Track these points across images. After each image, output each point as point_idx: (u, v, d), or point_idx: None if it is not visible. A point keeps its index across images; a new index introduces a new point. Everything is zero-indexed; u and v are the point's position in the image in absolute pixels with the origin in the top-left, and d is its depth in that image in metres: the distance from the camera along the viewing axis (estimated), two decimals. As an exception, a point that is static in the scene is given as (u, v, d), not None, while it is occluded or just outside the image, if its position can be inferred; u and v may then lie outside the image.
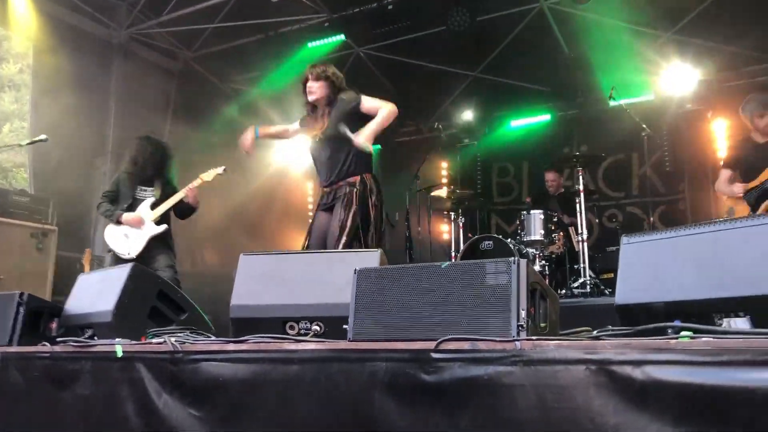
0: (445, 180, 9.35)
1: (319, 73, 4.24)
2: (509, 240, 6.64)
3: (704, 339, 1.96)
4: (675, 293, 2.22)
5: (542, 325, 2.38)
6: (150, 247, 5.17)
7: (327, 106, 4.25)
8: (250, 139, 4.49)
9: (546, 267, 6.49)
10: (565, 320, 2.95)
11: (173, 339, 2.66)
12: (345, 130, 4.07)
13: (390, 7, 7.22)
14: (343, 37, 7.44)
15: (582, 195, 6.35)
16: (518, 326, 2.18)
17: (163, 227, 5.23)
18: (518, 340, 2.10)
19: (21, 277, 5.82)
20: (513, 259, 2.27)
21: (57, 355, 2.99)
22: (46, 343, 3.09)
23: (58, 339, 3.14)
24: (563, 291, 6.21)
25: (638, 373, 1.86)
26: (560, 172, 7.56)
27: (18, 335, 3.28)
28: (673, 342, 1.92)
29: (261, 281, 2.94)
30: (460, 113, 8.89)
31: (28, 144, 5.61)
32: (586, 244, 6.25)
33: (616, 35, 7.05)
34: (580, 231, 6.30)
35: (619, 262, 2.45)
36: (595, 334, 2.26)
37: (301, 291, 2.84)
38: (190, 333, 2.97)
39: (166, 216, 5.33)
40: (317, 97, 4.24)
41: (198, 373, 2.60)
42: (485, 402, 2.08)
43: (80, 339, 3.09)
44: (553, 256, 6.63)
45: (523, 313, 2.20)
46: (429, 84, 8.45)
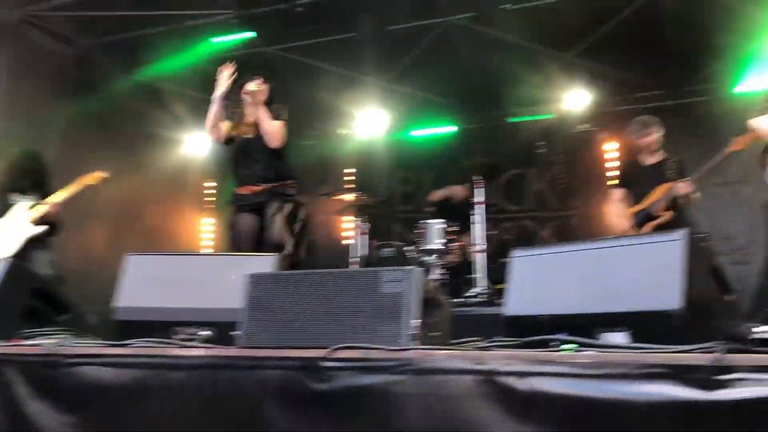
0: (349, 186, 9.34)
1: (265, 78, 4.65)
2: (410, 248, 6.70)
3: (587, 352, 2.03)
4: (560, 306, 2.31)
5: (434, 334, 2.41)
6: (28, 248, 4.95)
7: (261, 108, 4.56)
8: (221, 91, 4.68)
9: (443, 276, 6.60)
10: (460, 329, 3.00)
11: (49, 341, 2.51)
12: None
13: (300, 9, 7.15)
14: (252, 34, 7.30)
15: (482, 207, 6.51)
16: (410, 335, 2.19)
17: (43, 228, 4.99)
18: (409, 350, 2.11)
19: None
20: (408, 268, 2.28)
21: None
22: None
23: None
24: (459, 300, 6.33)
25: (522, 384, 1.91)
26: (461, 183, 7.70)
27: None
28: (557, 354, 1.99)
29: (149, 283, 2.83)
30: (367, 120, 8.92)
31: None
32: (482, 255, 6.40)
33: (520, 53, 7.29)
34: (477, 242, 6.45)
35: (509, 274, 2.52)
36: (484, 344, 2.30)
37: (191, 294, 2.75)
38: (70, 335, 2.81)
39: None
40: (261, 98, 4.55)
41: (75, 378, 2.46)
42: (374, 411, 2.08)
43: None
44: (450, 265, 6.75)
45: (415, 323, 2.22)
46: (337, 89, 8.42)
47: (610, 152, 7.73)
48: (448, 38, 7.48)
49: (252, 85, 4.60)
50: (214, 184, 9.54)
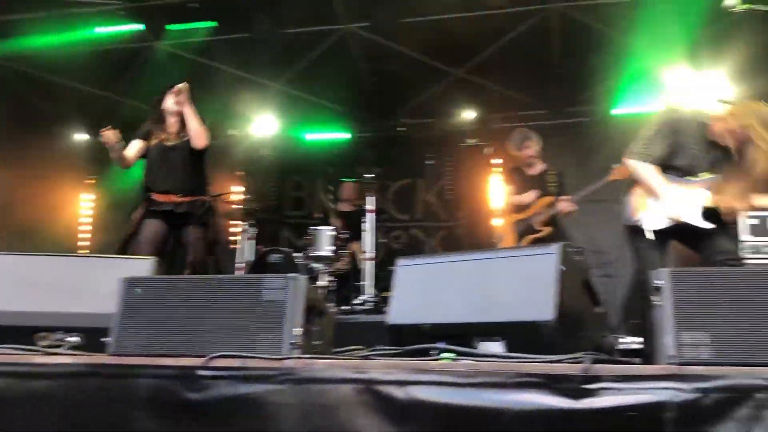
0: (238, 189, 9.13)
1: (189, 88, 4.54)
2: (298, 254, 6.64)
3: (463, 361, 2.08)
4: (441, 315, 2.35)
5: (316, 343, 2.39)
6: None
7: (187, 106, 4.46)
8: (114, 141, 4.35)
9: (331, 283, 6.58)
10: (346, 337, 3.00)
11: None
12: None
13: (194, 5, 6.94)
14: (140, 26, 6.99)
15: (371, 214, 6.57)
16: (291, 344, 2.16)
17: None
18: (289, 359, 2.08)
19: None
20: (291, 275, 2.25)
21: None
22: None
23: None
24: (345, 307, 6.34)
25: (401, 393, 1.93)
26: (356, 188, 7.72)
27: None
28: (435, 363, 2.02)
29: (12, 285, 2.62)
30: (259, 123, 8.77)
31: None
32: (371, 263, 6.45)
33: (413, 66, 7.42)
34: (366, 249, 6.49)
35: (394, 283, 2.54)
36: (365, 353, 2.30)
37: (59, 298, 2.58)
38: None
39: None
40: (186, 98, 4.46)
41: None
42: (251, 421, 2.03)
43: None
44: (339, 272, 6.75)
45: (296, 331, 2.19)
46: (229, 90, 8.23)
47: (496, 166, 8.00)
48: (343, 45, 7.50)
49: (179, 85, 4.49)
50: (94, 180, 9.04)
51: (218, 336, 2.27)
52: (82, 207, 9.06)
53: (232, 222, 8.24)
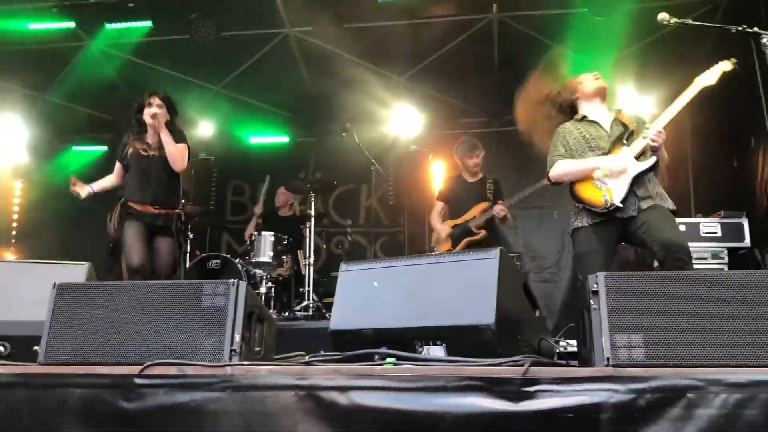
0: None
1: (162, 98, 4.60)
2: (238, 260, 6.55)
3: (406, 366, 2.08)
4: (383, 321, 2.35)
5: (257, 349, 2.35)
6: None
7: (163, 131, 4.46)
8: (84, 194, 4.53)
9: (272, 289, 6.52)
10: (288, 343, 2.96)
11: None
12: None
13: (131, 5, 6.77)
14: (72, 24, 6.77)
15: (312, 219, 6.54)
16: (231, 351, 2.13)
17: None
18: (229, 366, 2.04)
19: None
20: (232, 281, 2.21)
21: None
22: None
23: None
24: (287, 313, 6.28)
25: (343, 399, 1.92)
26: (293, 192, 7.66)
27: None
28: (378, 368, 2.02)
29: (-67, 292, 2.50)
30: (197, 126, 8.60)
31: None
32: (312, 268, 6.41)
33: (355, 71, 7.43)
34: (307, 255, 6.45)
35: (336, 288, 2.52)
36: (307, 359, 2.28)
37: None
38: None
39: None
40: (162, 121, 4.45)
41: None
42: (189, 430, 1.98)
43: None
44: (280, 278, 6.69)
45: (237, 338, 2.15)
46: (168, 92, 8.05)
47: (436, 172, 8.08)
48: (285, 49, 7.45)
49: (153, 109, 4.46)
50: (20, 185, 8.69)
51: (156, 343, 2.21)
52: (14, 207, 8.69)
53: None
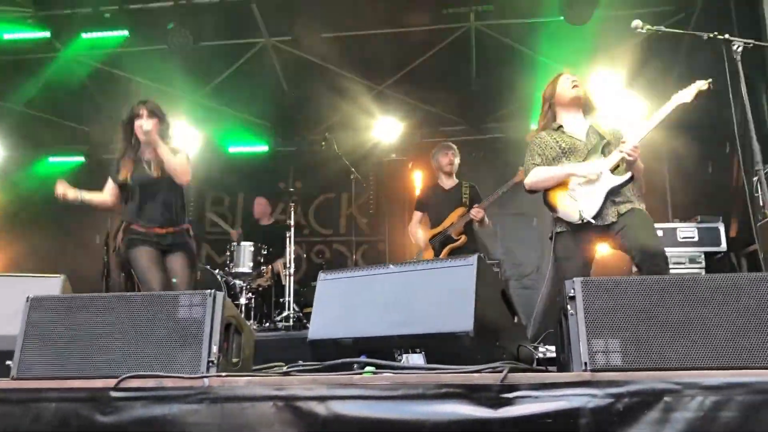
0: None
1: (150, 110, 4.08)
2: (217, 271, 6.51)
3: (385, 374, 2.08)
4: (362, 329, 2.34)
5: (235, 360, 2.33)
6: None
7: (160, 146, 4.04)
8: (71, 196, 4.07)
9: (253, 300, 6.48)
10: (267, 353, 2.94)
11: None
12: None
13: (107, 15, 6.73)
14: (47, 34, 6.71)
15: (292, 229, 6.51)
16: (209, 362, 2.11)
17: None
18: (207, 377, 2.03)
19: None
20: (209, 292, 2.19)
21: None
22: None
23: None
24: (267, 324, 6.25)
25: (322, 409, 1.90)
26: (271, 201, 7.63)
27: None
28: (356, 377, 2.01)
29: None
30: (177, 136, 8.53)
31: None
32: (292, 278, 6.38)
33: (335, 81, 7.44)
34: (287, 265, 6.43)
35: (315, 297, 2.51)
36: (285, 369, 2.27)
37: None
38: None
39: None
40: (155, 136, 4.01)
41: None
42: (167, 443, 1.96)
43: None
44: (260, 288, 6.66)
45: (214, 349, 2.14)
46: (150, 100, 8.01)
47: (416, 181, 8.10)
48: (264, 59, 7.45)
49: (144, 125, 4.01)
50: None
51: (132, 356, 2.19)
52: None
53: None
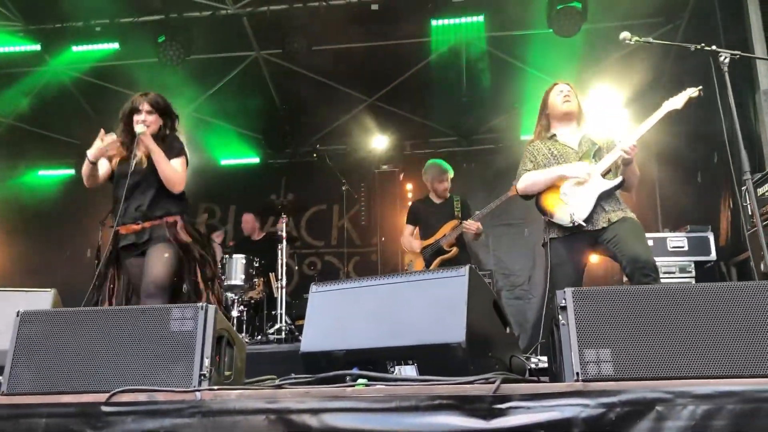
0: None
1: (152, 103, 3.79)
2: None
3: (377, 386, 2.07)
4: (354, 341, 2.33)
5: (227, 373, 2.32)
6: None
7: (155, 151, 3.71)
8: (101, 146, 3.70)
9: (245, 312, 6.46)
10: (258, 366, 2.93)
11: None
12: None
13: (98, 29, 6.74)
14: (38, 47, 6.71)
15: (284, 242, 6.51)
16: (200, 376, 2.10)
17: None
18: (199, 391, 2.02)
19: None
20: (200, 305, 2.19)
21: None
22: None
23: None
24: (259, 336, 6.23)
25: (315, 421, 1.90)
26: (259, 216, 7.61)
27: None
28: (349, 390, 2.00)
29: None
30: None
31: None
32: (284, 291, 6.37)
33: (324, 92, 7.47)
34: (279, 277, 6.41)
35: (307, 310, 2.51)
36: (278, 382, 2.26)
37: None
38: None
39: None
40: (151, 139, 3.70)
41: None
42: (159, 458, 1.95)
43: None
44: (252, 301, 6.63)
45: (206, 362, 2.13)
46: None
47: (407, 191, 8.12)
48: (255, 72, 7.47)
49: (137, 128, 3.71)
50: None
51: (123, 370, 2.18)
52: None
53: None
